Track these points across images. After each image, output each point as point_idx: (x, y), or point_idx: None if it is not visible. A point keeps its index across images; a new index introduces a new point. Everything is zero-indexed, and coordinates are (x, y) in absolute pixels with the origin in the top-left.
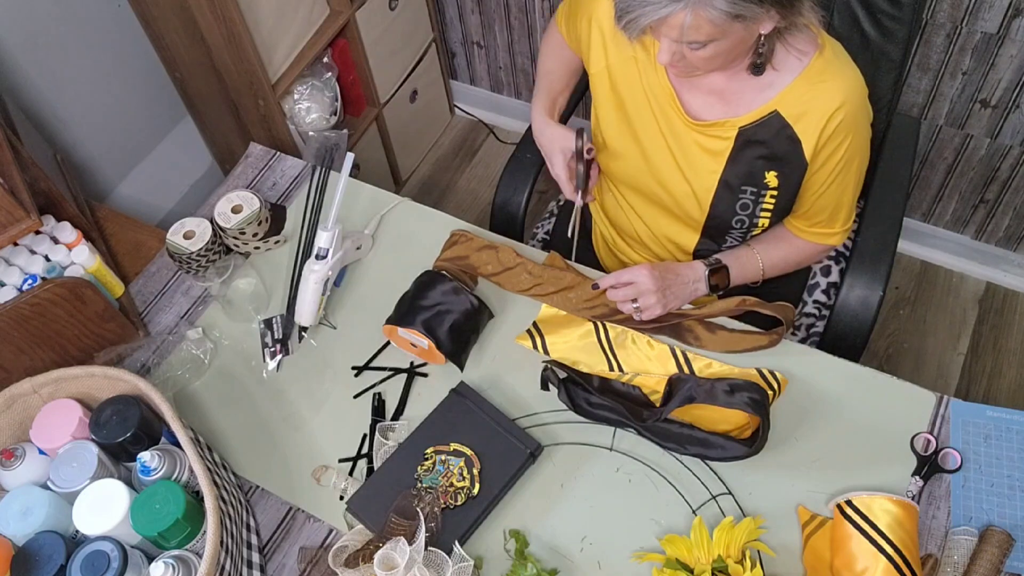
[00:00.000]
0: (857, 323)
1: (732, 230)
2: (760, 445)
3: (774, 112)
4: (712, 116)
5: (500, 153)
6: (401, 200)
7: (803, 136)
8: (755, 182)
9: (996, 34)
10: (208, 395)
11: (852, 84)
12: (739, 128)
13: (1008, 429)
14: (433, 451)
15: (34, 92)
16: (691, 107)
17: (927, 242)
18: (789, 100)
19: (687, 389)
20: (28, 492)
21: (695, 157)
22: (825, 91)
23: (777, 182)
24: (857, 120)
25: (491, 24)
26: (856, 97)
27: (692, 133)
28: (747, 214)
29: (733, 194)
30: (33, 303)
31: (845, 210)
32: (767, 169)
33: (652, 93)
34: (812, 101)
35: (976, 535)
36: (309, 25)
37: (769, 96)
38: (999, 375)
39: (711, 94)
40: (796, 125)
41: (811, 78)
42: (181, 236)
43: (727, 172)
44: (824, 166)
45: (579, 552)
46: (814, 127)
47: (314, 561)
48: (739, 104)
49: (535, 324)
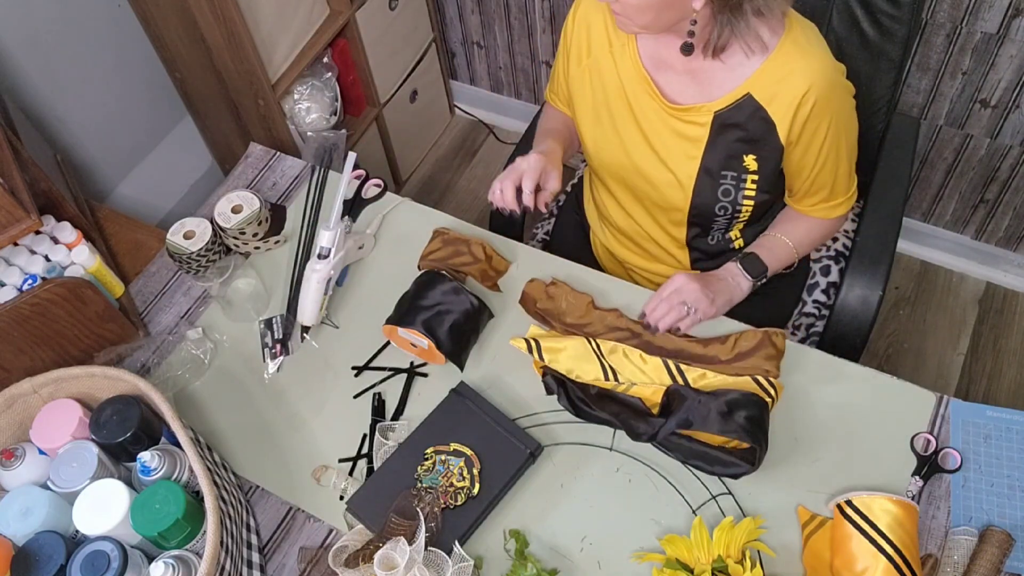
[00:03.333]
0: (857, 323)
1: (716, 217)
2: (759, 461)
3: (747, 95)
4: (687, 100)
5: (500, 153)
6: (402, 200)
7: (776, 119)
8: (735, 167)
9: (996, 34)
10: (208, 395)
11: (818, 65)
12: (714, 112)
13: (1008, 429)
14: (433, 451)
15: (34, 92)
16: (667, 91)
17: (927, 242)
18: (760, 82)
19: (683, 410)
20: (28, 492)
21: (674, 145)
22: (791, 75)
23: (756, 165)
24: (831, 100)
25: (491, 24)
26: (825, 78)
27: (670, 120)
28: (729, 200)
29: (714, 180)
30: (33, 303)
31: (844, 180)
32: (745, 152)
33: (628, 82)
34: (781, 84)
35: (976, 535)
36: (309, 25)
37: (741, 78)
38: (999, 375)
39: (684, 74)
40: (769, 107)
41: (778, 60)
42: (181, 236)
43: (706, 158)
44: (809, 148)
45: (579, 552)
46: (785, 111)
47: (314, 561)
48: (712, 87)
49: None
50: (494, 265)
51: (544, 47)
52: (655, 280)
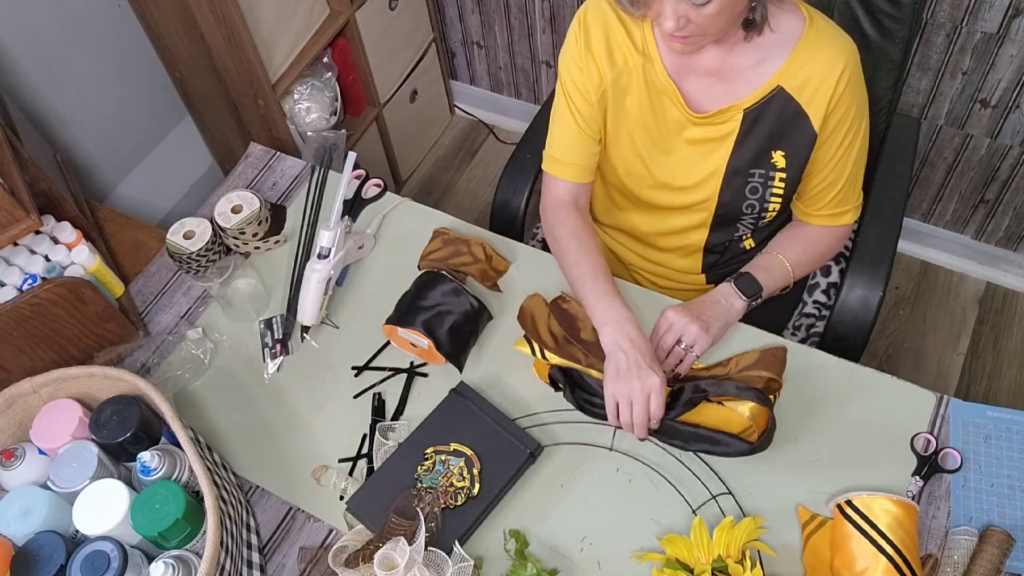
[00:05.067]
0: (857, 323)
1: (743, 216)
2: (768, 440)
3: (778, 88)
4: (715, 105)
5: (500, 153)
6: (402, 200)
7: (810, 107)
8: (763, 164)
9: (996, 34)
10: (208, 395)
11: (850, 46)
12: (744, 110)
13: (1008, 429)
14: (433, 451)
15: (34, 92)
16: (693, 98)
17: (927, 242)
18: (791, 72)
19: (696, 384)
20: (28, 492)
21: (700, 151)
22: (826, 57)
23: (785, 162)
24: (859, 82)
25: (491, 24)
26: (855, 59)
27: (696, 129)
28: (757, 198)
29: (742, 179)
30: (33, 303)
31: (854, 184)
32: (773, 148)
33: (653, 92)
34: (815, 68)
35: (976, 535)
36: (309, 25)
37: (769, 72)
38: (999, 375)
39: (710, 75)
40: (801, 97)
41: (807, 47)
42: (181, 236)
43: (734, 157)
44: (834, 134)
45: (579, 552)
46: (823, 95)
47: (314, 561)
48: (739, 84)
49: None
50: (494, 265)
51: (544, 47)
52: (657, 281)
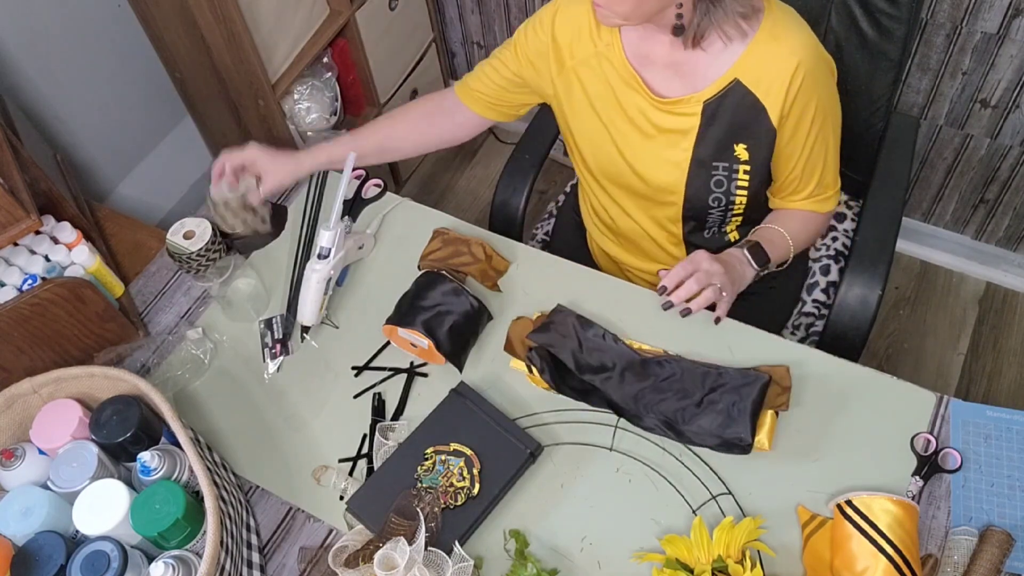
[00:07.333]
0: (856, 322)
1: (711, 210)
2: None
3: (735, 80)
4: (674, 93)
5: (500, 153)
6: (402, 200)
7: (767, 101)
8: (726, 157)
9: (996, 34)
10: (208, 395)
11: (804, 41)
12: (703, 103)
13: (1008, 429)
14: (433, 451)
15: (34, 92)
16: (654, 85)
17: (927, 242)
18: (746, 66)
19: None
20: (28, 492)
21: (665, 139)
22: (780, 52)
23: (748, 155)
24: (818, 77)
25: (491, 24)
26: (811, 53)
27: (659, 114)
28: (722, 191)
29: (707, 171)
30: (33, 303)
31: (832, 168)
32: (736, 141)
33: (616, 80)
34: (769, 64)
35: (976, 535)
36: (309, 25)
37: (726, 65)
38: (999, 375)
39: (667, 67)
40: (758, 91)
41: (762, 42)
42: (181, 236)
43: (697, 150)
44: (798, 130)
45: (579, 552)
46: (777, 91)
47: (314, 561)
48: (697, 77)
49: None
50: (494, 265)
51: None
52: (652, 280)
